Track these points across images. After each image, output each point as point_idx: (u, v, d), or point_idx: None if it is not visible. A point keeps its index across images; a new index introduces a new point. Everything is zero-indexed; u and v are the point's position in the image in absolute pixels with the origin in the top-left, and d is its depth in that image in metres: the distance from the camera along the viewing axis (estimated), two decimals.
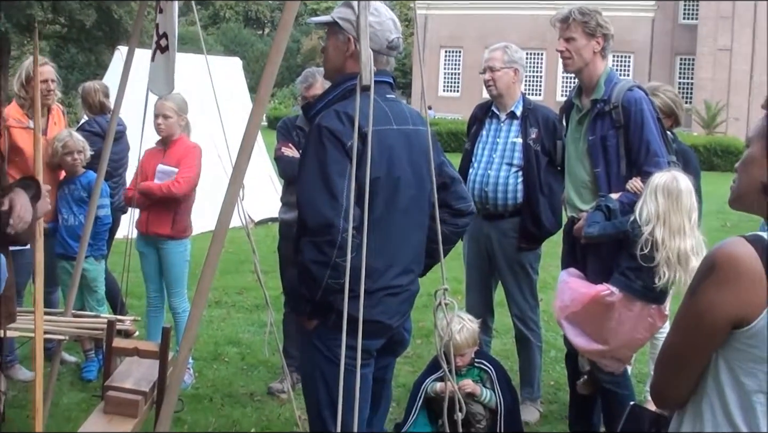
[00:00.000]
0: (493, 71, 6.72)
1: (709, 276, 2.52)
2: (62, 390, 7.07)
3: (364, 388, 4.27)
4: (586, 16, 5.79)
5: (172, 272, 7.35)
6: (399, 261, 4.22)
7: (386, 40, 4.20)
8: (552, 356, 8.27)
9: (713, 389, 2.60)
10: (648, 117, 5.67)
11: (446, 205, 4.54)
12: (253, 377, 7.69)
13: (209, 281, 3.29)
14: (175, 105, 7.23)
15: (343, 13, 4.22)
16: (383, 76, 4.25)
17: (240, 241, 11.44)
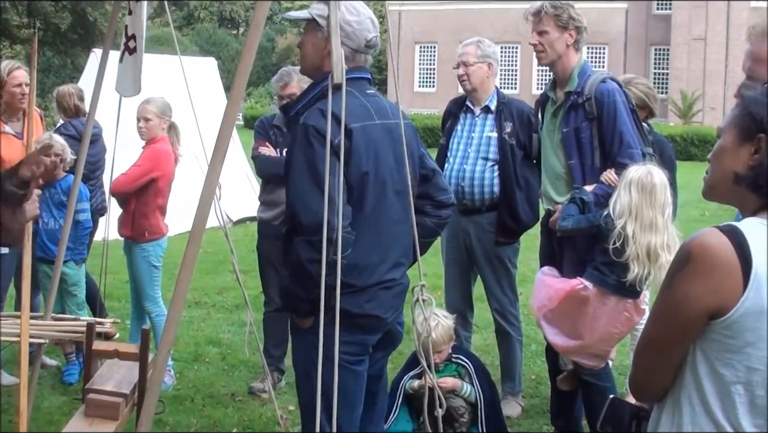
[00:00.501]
0: (466, 66, 6.73)
1: (684, 267, 2.53)
2: (43, 394, 7.06)
3: (359, 386, 4.31)
4: (558, 9, 5.81)
5: (137, 276, 7.36)
6: (391, 255, 4.27)
7: (364, 39, 4.25)
8: (533, 350, 8.30)
9: (691, 381, 2.61)
10: (621, 108, 5.70)
11: (428, 197, 4.61)
12: (234, 377, 7.69)
13: (187, 282, 3.28)
14: (157, 108, 7.23)
15: (321, 9, 4.22)
16: (361, 72, 4.31)
17: (219, 241, 11.42)
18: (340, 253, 3.82)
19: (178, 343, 8.46)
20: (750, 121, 2.61)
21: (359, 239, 4.07)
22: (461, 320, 6.84)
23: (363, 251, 4.12)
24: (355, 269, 4.10)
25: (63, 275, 7.21)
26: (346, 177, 4.03)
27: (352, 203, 4.09)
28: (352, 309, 4.12)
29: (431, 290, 9.75)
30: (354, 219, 4.06)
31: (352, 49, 4.23)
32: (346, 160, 4.02)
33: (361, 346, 4.29)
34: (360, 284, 4.16)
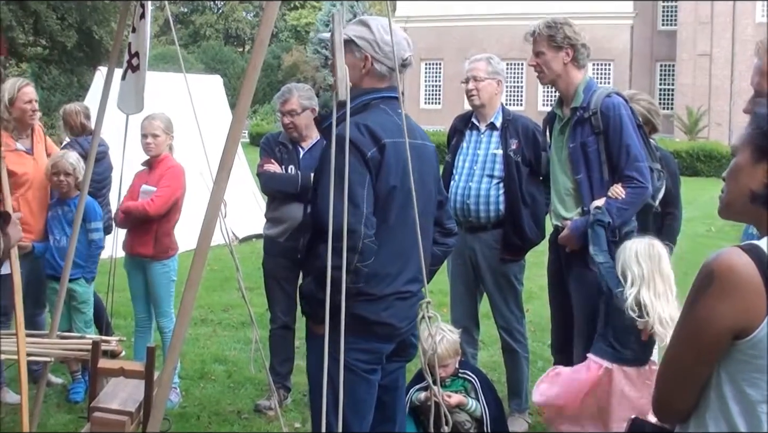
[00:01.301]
0: (476, 81, 6.72)
1: (708, 287, 2.51)
2: (49, 412, 7.04)
3: (371, 394, 4.33)
4: (551, 29, 5.85)
5: (157, 292, 7.34)
6: (409, 268, 4.33)
7: (401, 58, 4.34)
8: (539, 367, 8.27)
9: (716, 402, 2.59)
10: (627, 122, 5.71)
11: (438, 224, 4.69)
12: (240, 395, 7.66)
13: (192, 300, 3.28)
14: (163, 124, 7.26)
15: (358, 31, 4.40)
16: (394, 92, 4.43)
17: (225, 258, 11.45)
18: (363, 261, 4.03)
19: (184, 360, 8.45)
20: (764, 140, 2.60)
21: (381, 249, 4.16)
22: (467, 336, 6.82)
23: (384, 261, 4.21)
24: (375, 277, 4.19)
25: (72, 292, 7.31)
26: (375, 188, 4.17)
27: (377, 214, 4.17)
28: (369, 316, 4.22)
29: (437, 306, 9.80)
30: (378, 230, 4.15)
31: (389, 68, 4.38)
32: (376, 173, 4.17)
33: (375, 354, 4.34)
34: (378, 292, 4.24)
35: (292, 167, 7.14)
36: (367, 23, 4.42)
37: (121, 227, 7.31)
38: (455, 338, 6.16)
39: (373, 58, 4.36)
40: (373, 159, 4.15)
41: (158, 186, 7.22)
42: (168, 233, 7.37)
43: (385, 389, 4.50)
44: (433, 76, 59.48)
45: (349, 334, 3.97)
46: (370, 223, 4.09)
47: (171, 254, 7.41)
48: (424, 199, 4.39)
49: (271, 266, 7.32)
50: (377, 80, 4.41)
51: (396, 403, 4.67)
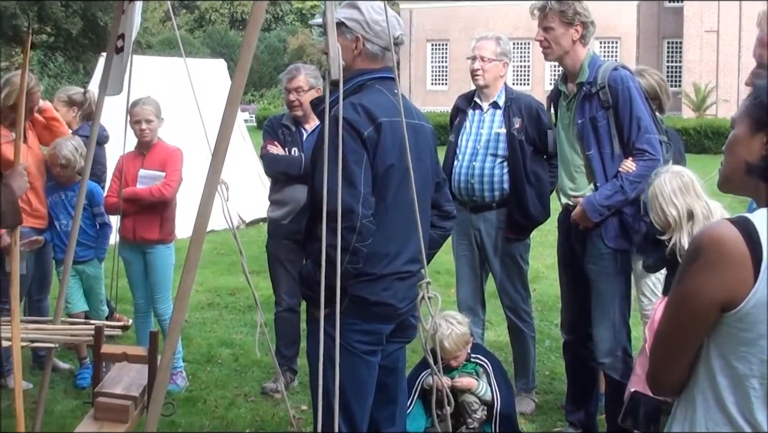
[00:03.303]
0: (483, 60, 6.67)
1: (695, 260, 2.51)
2: (56, 398, 7.04)
3: (371, 376, 4.34)
4: (563, 4, 5.76)
5: (158, 276, 7.34)
6: (408, 248, 4.32)
7: (392, 36, 4.30)
8: (546, 346, 8.28)
9: (705, 376, 2.59)
10: (636, 94, 5.66)
11: (436, 206, 4.68)
12: (246, 378, 7.67)
13: (191, 283, 3.27)
14: (154, 108, 7.23)
15: (348, 13, 4.41)
16: (388, 72, 4.44)
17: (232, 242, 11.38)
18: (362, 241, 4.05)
19: (191, 344, 8.47)
20: (762, 111, 2.59)
21: (379, 229, 4.16)
22: (473, 317, 6.80)
23: (382, 241, 4.21)
24: (374, 257, 4.19)
25: (86, 273, 7.54)
26: (372, 168, 4.16)
27: (374, 194, 4.17)
28: (369, 296, 4.23)
29: (445, 287, 9.83)
30: (376, 209, 4.15)
31: (382, 47, 4.38)
32: (373, 152, 4.17)
33: (376, 336, 4.34)
34: (377, 272, 4.24)
35: (295, 149, 7.12)
36: (356, 5, 4.41)
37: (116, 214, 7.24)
38: (464, 330, 6.12)
39: (365, 39, 4.36)
40: (369, 138, 4.14)
41: (167, 170, 7.22)
42: (172, 216, 7.39)
43: (385, 371, 4.50)
44: (439, 56, 59.31)
45: (349, 315, 4.03)
46: (367, 203, 4.09)
47: (173, 237, 7.44)
48: (421, 178, 4.38)
49: (275, 248, 7.31)
50: (370, 61, 4.40)
51: (397, 384, 4.66)
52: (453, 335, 6.01)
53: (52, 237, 7.43)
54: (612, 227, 5.75)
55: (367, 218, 4.07)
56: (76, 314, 7.37)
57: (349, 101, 4.19)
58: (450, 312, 6.28)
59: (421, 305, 3.45)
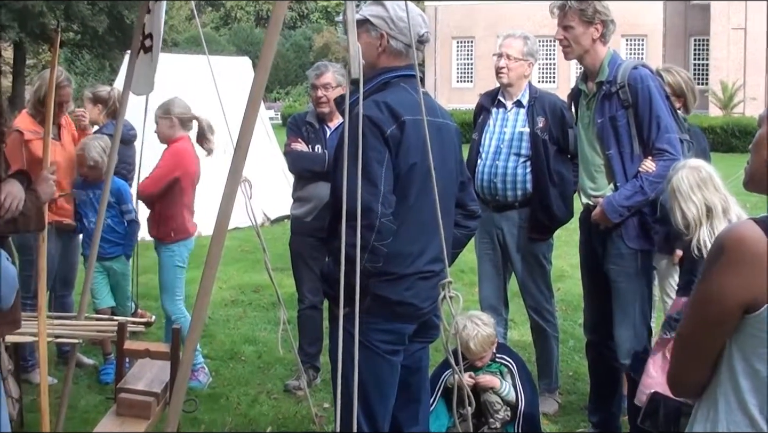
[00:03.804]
0: (509, 59, 6.64)
1: (718, 260, 2.48)
2: (80, 393, 7.08)
3: (393, 376, 4.32)
4: (583, 3, 5.72)
5: (160, 276, 7.38)
6: (431, 248, 4.27)
7: (417, 34, 4.34)
8: (570, 346, 8.25)
9: (727, 377, 2.56)
10: (655, 93, 5.62)
11: (460, 206, 4.66)
12: (269, 375, 7.69)
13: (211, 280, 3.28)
14: (161, 110, 7.28)
15: (374, 10, 4.38)
16: (413, 70, 4.40)
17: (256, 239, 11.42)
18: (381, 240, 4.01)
19: (214, 341, 8.51)
20: None
21: (401, 228, 4.14)
22: (496, 316, 6.79)
23: (404, 240, 4.19)
24: (396, 257, 4.16)
25: (113, 269, 7.62)
26: (394, 167, 4.14)
27: (397, 193, 4.14)
28: (391, 296, 4.20)
29: (468, 286, 9.80)
30: (398, 209, 4.13)
31: (406, 45, 4.34)
32: (396, 151, 4.13)
33: (398, 335, 4.31)
34: (399, 272, 4.21)
35: (319, 147, 7.13)
36: (381, 2, 4.38)
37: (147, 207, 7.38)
38: (489, 331, 6.09)
39: (389, 36, 4.33)
40: (392, 137, 4.11)
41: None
42: (171, 216, 7.29)
43: (408, 370, 4.48)
44: (464, 54, 59.10)
45: (371, 315, 4.02)
46: (387, 201, 4.06)
47: (175, 238, 7.30)
48: (445, 178, 4.36)
49: (298, 246, 7.32)
50: (395, 58, 4.37)
51: (420, 384, 4.64)
52: (479, 336, 5.99)
53: (81, 234, 7.51)
54: (632, 227, 5.72)
55: (387, 217, 4.05)
56: (103, 310, 7.45)
57: (372, 99, 4.19)
58: (475, 312, 6.26)
59: (442, 305, 3.43)
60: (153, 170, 7.24)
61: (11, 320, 4.43)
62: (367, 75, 4.35)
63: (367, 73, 4.36)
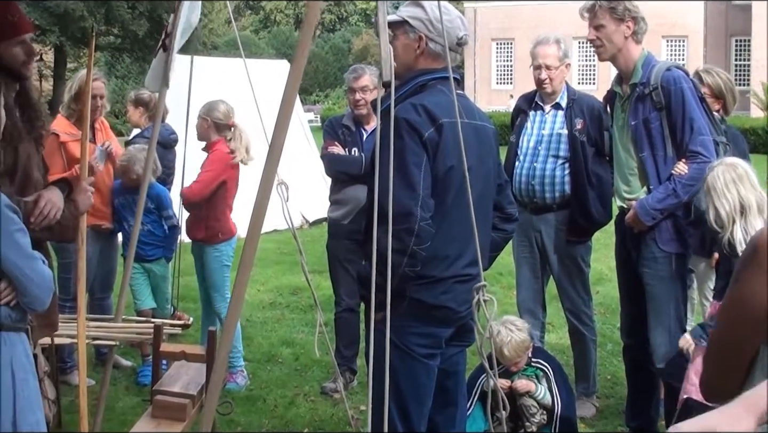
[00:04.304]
0: (549, 69, 6.59)
1: (751, 262, 2.43)
2: (117, 395, 7.14)
3: (430, 379, 4.30)
4: (612, 1, 5.71)
5: (210, 276, 7.40)
6: (469, 251, 4.21)
7: (456, 37, 4.31)
8: (608, 350, 8.18)
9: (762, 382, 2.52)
10: (689, 95, 5.57)
11: (498, 209, 4.63)
12: (306, 378, 7.70)
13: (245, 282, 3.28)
14: (203, 110, 7.30)
15: (412, 12, 4.36)
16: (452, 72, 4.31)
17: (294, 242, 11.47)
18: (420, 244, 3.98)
19: (252, 343, 8.53)
20: None
21: (439, 231, 4.11)
22: (533, 319, 6.76)
23: (442, 243, 4.16)
24: (433, 260, 4.13)
25: (154, 272, 7.69)
26: (432, 170, 4.11)
27: (434, 196, 4.12)
28: (428, 300, 4.17)
29: (507, 288, 9.77)
30: (435, 212, 4.10)
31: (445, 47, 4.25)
32: (434, 153, 4.10)
33: (434, 339, 4.28)
34: (436, 275, 4.18)
35: (355, 149, 7.14)
36: (420, 4, 4.35)
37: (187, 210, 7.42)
38: (523, 336, 6.05)
39: (428, 38, 4.30)
40: (430, 139, 4.08)
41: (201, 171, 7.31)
42: (218, 217, 7.38)
43: (445, 374, 4.45)
44: (504, 56, 58.95)
45: (408, 318, 4.01)
46: (426, 205, 4.03)
47: (222, 238, 7.40)
48: (483, 180, 4.35)
49: (335, 248, 7.33)
50: (433, 60, 4.35)
51: (457, 387, 4.61)
52: (512, 341, 5.96)
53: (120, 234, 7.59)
54: (666, 230, 5.68)
55: (426, 221, 4.02)
56: (144, 311, 7.50)
57: (410, 102, 4.17)
58: (510, 318, 6.22)
59: (477, 308, 3.41)
60: (200, 175, 7.27)
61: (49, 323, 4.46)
62: (405, 77, 4.34)
63: (404, 75, 4.35)
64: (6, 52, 4.33)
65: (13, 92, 4.40)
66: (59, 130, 7.05)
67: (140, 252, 7.43)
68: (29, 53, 4.46)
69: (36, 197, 4.25)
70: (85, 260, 4.96)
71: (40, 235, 4.25)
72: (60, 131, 7.05)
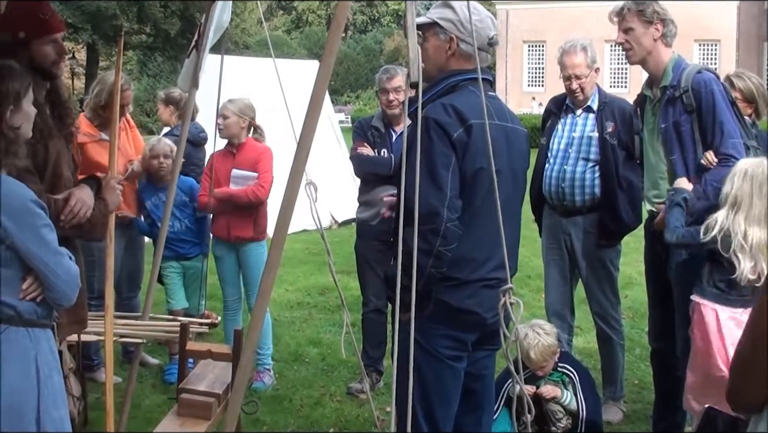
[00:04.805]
0: (579, 79, 6.55)
1: None
2: (144, 392, 7.17)
3: (456, 382, 4.28)
4: (641, 4, 5.70)
5: (253, 273, 7.32)
6: (497, 254, 4.13)
7: (487, 37, 4.29)
8: (636, 354, 8.13)
9: None
10: (719, 98, 5.52)
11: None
12: (333, 378, 7.70)
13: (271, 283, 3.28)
14: (235, 107, 7.26)
15: (442, 13, 4.35)
16: (483, 74, 4.28)
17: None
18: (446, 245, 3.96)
19: (279, 343, 8.53)
20: None
21: (466, 233, 4.08)
22: (562, 323, 6.73)
23: (469, 246, 4.12)
24: (460, 262, 4.11)
25: (194, 270, 7.72)
26: (461, 171, 4.07)
27: (462, 197, 4.09)
28: (453, 302, 4.15)
29: (536, 291, 9.73)
30: (463, 214, 4.07)
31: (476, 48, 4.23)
32: (462, 154, 4.07)
33: (459, 342, 4.25)
34: (462, 277, 4.15)
35: (384, 151, 7.13)
36: (449, 4, 4.34)
37: (213, 213, 7.35)
38: (551, 340, 6.04)
39: (458, 38, 4.29)
40: (459, 140, 4.05)
41: (258, 171, 7.26)
42: (265, 214, 7.44)
43: (473, 377, 4.42)
44: (535, 58, 58.81)
45: (434, 320, 3.99)
46: (453, 206, 4.01)
47: (266, 235, 7.43)
48: (512, 183, 4.34)
49: (363, 249, 7.32)
50: (464, 61, 4.33)
51: (484, 390, 4.57)
52: (539, 345, 5.94)
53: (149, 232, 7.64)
54: None
55: (452, 222, 3.99)
56: (177, 312, 7.49)
57: (440, 102, 4.15)
58: (539, 321, 6.20)
59: (502, 311, 3.38)
60: (261, 176, 7.23)
61: (78, 320, 4.49)
62: (436, 78, 4.33)
63: (435, 75, 4.34)
64: (37, 50, 4.37)
65: (43, 90, 4.43)
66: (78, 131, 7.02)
67: (178, 250, 7.50)
68: (60, 52, 4.49)
69: (67, 195, 4.27)
70: (113, 258, 4.98)
71: (70, 233, 4.27)
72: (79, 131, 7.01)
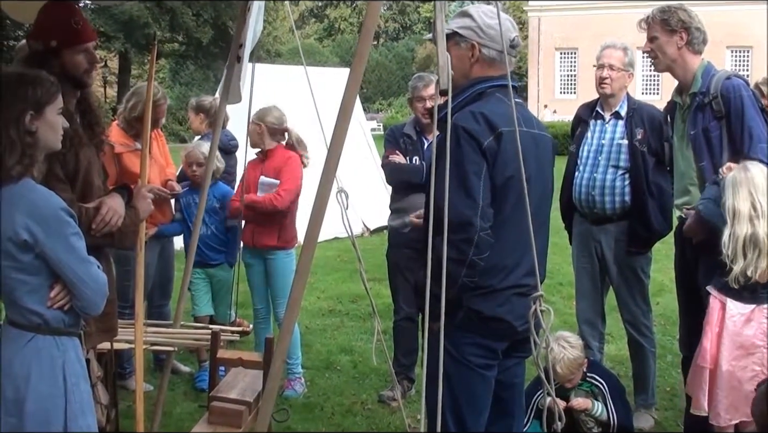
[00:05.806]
0: (612, 70, 6.57)
1: None
2: (175, 400, 7.19)
3: (486, 390, 4.26)
4: (665, 13, 5.76)
5: (278, 282, 7.35)
6: (525, 261, 4.15)
7: (508, 39, 4.24)
8: (668, 361, 8.09)
9: None
10: (748, 103, 5.52)
11: None
12: (364, 386, 7.70)
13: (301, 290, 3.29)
14: (256, 116, 7.27)
15: (460, 22, 4.34)
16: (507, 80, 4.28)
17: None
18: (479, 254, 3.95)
19: (311, 351, 8.54)
20: None
21: (497, 241, 4.06)
22: (592, 330, 6.71)
23: (499, 253, 4.10)
24: (491, 270, 4.09)
25: (218, 277, 7.73)
26: (491, 179, 4.06)
27: (493, 205, 4.08)
28: (485, 311, 4.13)
29: (567, 299, 9.69)
30: (493, 221, 4.05)
31: (499, 51, 4.25)
32: (493, 162, 4.05)
33: (490, 350, 4.24)
34: (494, 285, 4.13)
35: (416, 158, 7.13)
36: (467, 13, 4.35)
37: (245, 220, 7.36)
38: (576, 353, 6.01)
39: (480, 44, 4.27)
40: (489, 148, 4.03)
41: (281, 178, 7.25)
42: (292, 222, 7.42)
43: (503, 385, 4.40)
44: (567, 65, 58.68)
45: (465, 329, 3.97)
46: (486, 215, 3.99)
47: (294, 243, 7.44)
48: (542, 189, 4.33)
49: (395, 257, 7.32)
50: (489, 66, 4.31)
51: (514, 399, 4.56)
52: (565, 359, 5.92)
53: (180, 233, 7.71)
54: None
55: (485, 231, 3.98)
56: (201, 318, 7.53)
57: (469, 110, 4.14)
58: (564, 333, 6.17)
59: (533, 319, 3.37)
60: (284, 183, 7.21)
61: (107, 328, 4.51)
62: (462, 85, 4.32)
63: (461, 83, 4.33)
64: (69, 59, 4.40)
65: (74, 99, 4.46)
66: (115, 141, 7.03)
67: (203, 257, 7.47)
68: (92, 61, 4.51)
69: (98, 204, 4.30)
70: (143, 266, 5.00)
71: (101, 241, 4.30)
72: (116, 142, 7.04)
